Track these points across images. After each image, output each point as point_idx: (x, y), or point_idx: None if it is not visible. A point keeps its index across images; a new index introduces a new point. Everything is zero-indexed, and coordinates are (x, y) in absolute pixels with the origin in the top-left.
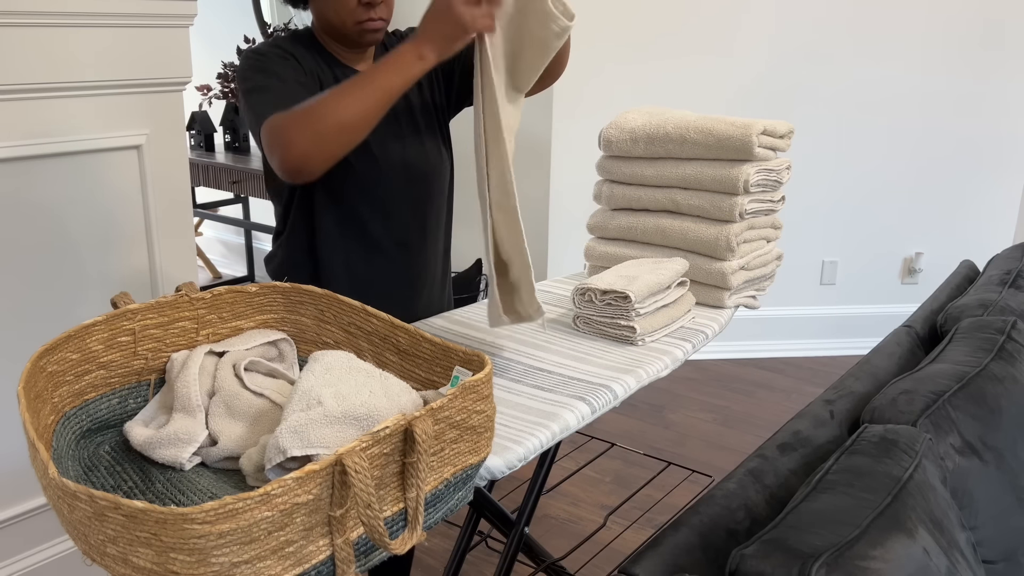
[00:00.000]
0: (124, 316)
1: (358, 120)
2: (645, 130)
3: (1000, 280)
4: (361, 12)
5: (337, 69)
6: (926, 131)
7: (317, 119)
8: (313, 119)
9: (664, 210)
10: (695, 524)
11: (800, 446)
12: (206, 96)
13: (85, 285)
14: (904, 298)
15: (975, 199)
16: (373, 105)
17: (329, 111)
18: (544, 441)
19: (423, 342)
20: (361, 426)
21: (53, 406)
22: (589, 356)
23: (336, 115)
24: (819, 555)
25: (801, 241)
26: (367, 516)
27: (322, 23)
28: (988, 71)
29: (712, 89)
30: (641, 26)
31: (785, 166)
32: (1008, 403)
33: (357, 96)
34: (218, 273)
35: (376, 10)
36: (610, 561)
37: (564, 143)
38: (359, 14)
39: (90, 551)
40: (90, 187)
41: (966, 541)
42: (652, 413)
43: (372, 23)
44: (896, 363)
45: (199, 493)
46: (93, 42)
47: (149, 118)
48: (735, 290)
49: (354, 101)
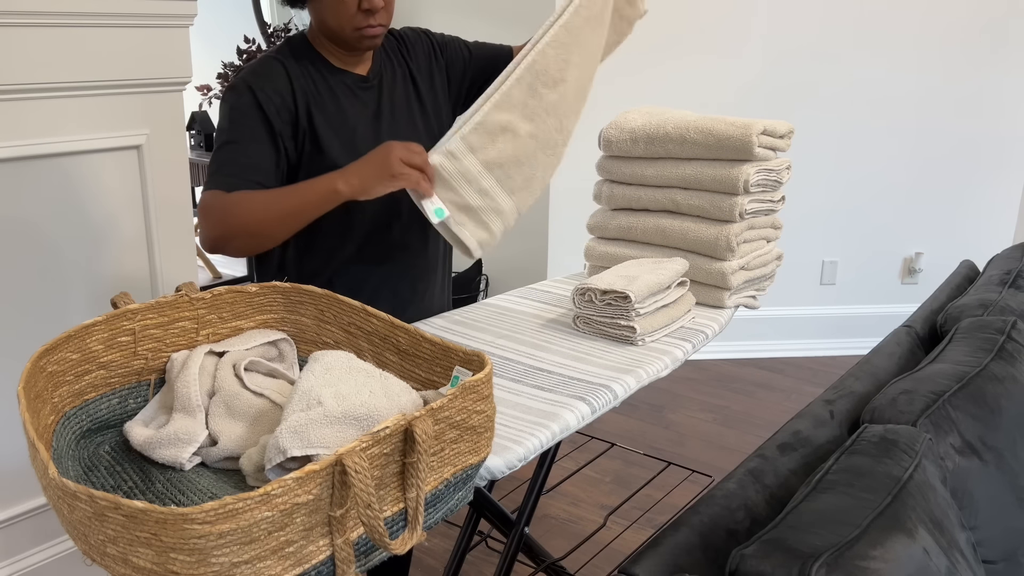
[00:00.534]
0: (124, 316)
1: (263, 228)
2: (645, 130)
3: (1000, 280)
4: (361, 18)
5: (332, 76)
6: (926, 131)
7: (231, 215)
8: (228, 214)
9: (664, 210)
10: (695, 524)
11: (800, 446)
12: (206, 96)
13: (85, 285)
14: (904, 298)
15: (975, 199)
16: (278, 219)
17: (242, 212)
18: (544, 441)
19: (423, 342)
20: (361, 426)
21: (53, 406)
22: (589, 356)
23: (246, 218)
24: (819, 555)
25: (801, 241)
26: (367, 516)
27: (320, 27)
28: (988, 71)
29: (712, 89)
30: (641, 26)
31: (785, 166)
32: (1008, 403)
33: (270, 208)
34: (218, 273)
35: (376, 16)
36: (610, 561)
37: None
38: (359, 20)
39: (90, 551)
40: (90, 187)
41: (966, 541)
42: (652, 413)
43: (371, 29)
44: (896, 363)
45: (199, 493)
46: (93, 42)
47: (149, 118)
48: (735, 290)
49: (265, 211)
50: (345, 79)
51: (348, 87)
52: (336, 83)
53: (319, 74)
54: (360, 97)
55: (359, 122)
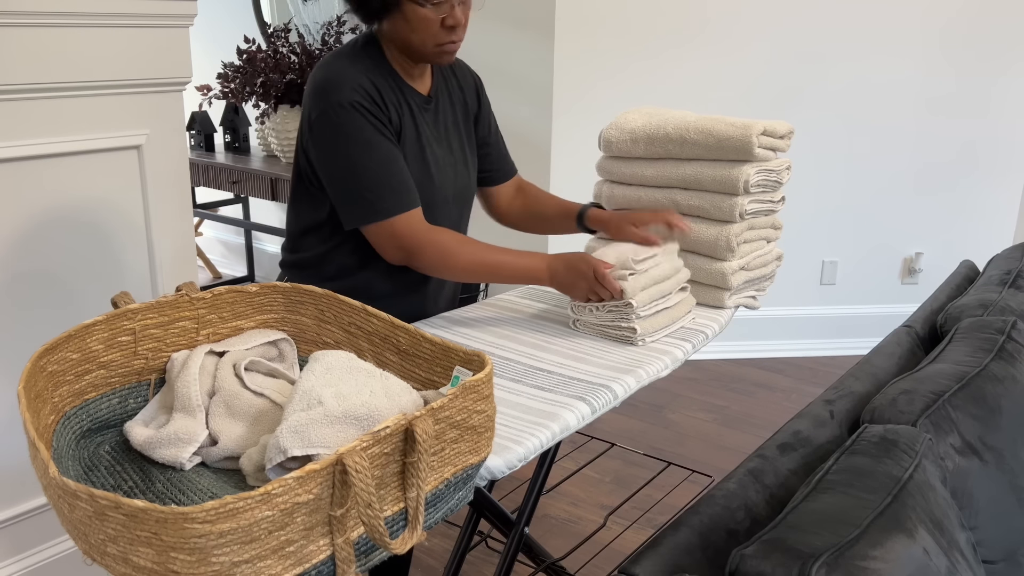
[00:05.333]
0: (124, 316)
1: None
2: (645, 130)
3: (1000, 280)
4: (444, 35)
5: (405, 90)
6: (926, 131)
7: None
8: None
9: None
10: (695, 524)
11: (800, 446)
12: (206, 96)
13: (85, 285)
14: (904, 298)
15: (975, 199)
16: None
17: (466, 253)
18: (544, 441)
19: (423, 342)
20: (362, 426)
21: (53, 406)
22: (589, 356)
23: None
24: (819, 555)
25: (801, 241)
26: (367, 516)
27: (398, 42)
28: (988, 71)
29: (712, 89)
30: (642, 26)
31: (785, 166)
32: (1008, 403)
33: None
34: (218, 273)
35: (457, 32)
36: (610, 561)
37: (564, 143)
38: (441, 37)
39: (90, 551)
40: (90, 187)
41: (966, 541)
42: (652, 413)
43: (452, 46)
44: (896, 363)
45: (199, 493)
46: (93, 42)
47: (149, 118)
48: (735, 290)
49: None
50: (411, 95)
51: (417, 104)
52: (408, 98)
53: (398, 89)
54: (424, 115)
55: (428, 141)
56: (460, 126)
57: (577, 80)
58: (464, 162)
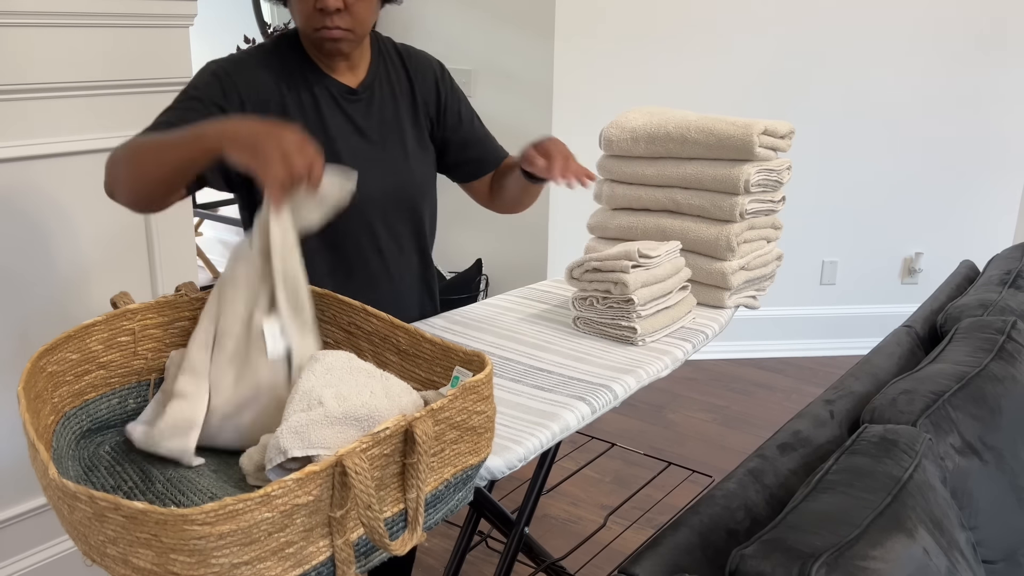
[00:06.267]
0: (124, 316)
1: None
2: (646, 129)
3: (1000, 280)
4: (317, 19)
5: (318, 82)
6: (926, 131)
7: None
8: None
9: (664, 210)
10: (695, 524)
11: (800, 446)
12: None
13: (85, 285)
14: (904, 298)
15: (975, 199)
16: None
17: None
18: (544, 441)
19: (423, 342)
20: (362, 427)
21: (53, 406)
22: (589, 356)
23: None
24: (819, 555)
25: (801, 241)
26: (367, 517)
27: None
28: (988, 70)
29: (713, 89)
30: (642, 25)
31: (786, 166)
32: (1008, 403)
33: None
34: (218, 273)
35: (333, 18)
36: (610, 561)
37: (564, 142)
38: (315, 21)
39: (90, 552)
40: (90, 187)
41: (966, 541)
42: (652, 413)
43: (328, 31)
44: (896, 363)
45: (199, 493)
46: (93, 42)
47: (149, 118)
48: (735, 290)
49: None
50: (330, 86)
51: (332, 96)
52: (320, 90)
53: (303, 77)
54: (343, 108)
55: (339, 134)
56: (405, 120)
57: (577, 80)
58: (405, 158)
